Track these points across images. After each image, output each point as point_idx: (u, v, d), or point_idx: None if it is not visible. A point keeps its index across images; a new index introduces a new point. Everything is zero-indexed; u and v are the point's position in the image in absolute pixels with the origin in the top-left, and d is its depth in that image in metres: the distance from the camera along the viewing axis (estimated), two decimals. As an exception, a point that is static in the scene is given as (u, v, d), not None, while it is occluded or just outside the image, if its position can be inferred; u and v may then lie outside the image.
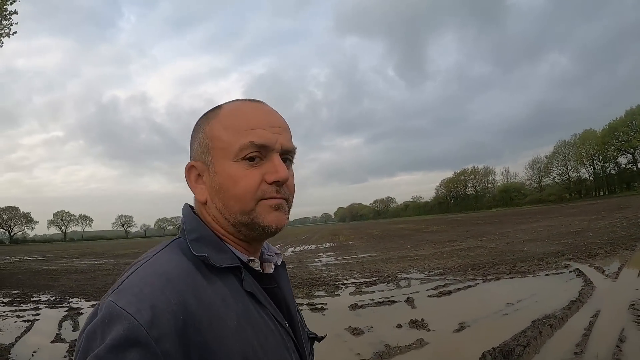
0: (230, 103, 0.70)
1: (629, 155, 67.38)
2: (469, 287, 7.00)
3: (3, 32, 12.70)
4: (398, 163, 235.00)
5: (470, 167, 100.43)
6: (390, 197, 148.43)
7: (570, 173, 76.69)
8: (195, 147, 0.69)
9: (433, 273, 8.78)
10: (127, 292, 0.56)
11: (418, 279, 8.21)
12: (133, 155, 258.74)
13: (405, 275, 8.80)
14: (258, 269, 0.68)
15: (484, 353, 3.62)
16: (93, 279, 12.15)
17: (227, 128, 0.66)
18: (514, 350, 3.63)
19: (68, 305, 8.10)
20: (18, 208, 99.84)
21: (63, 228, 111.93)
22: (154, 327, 0.52)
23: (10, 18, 12.75)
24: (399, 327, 4.98)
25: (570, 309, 4.89)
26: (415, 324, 4.94)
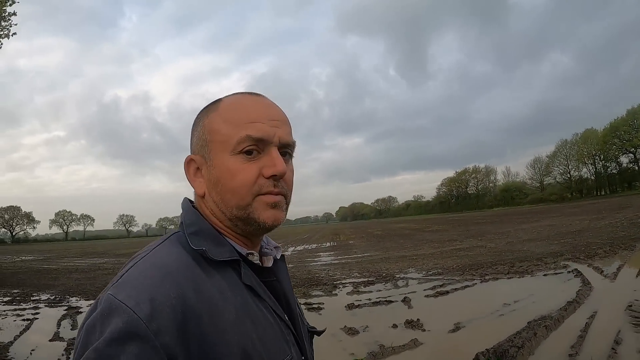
0: (230, 96, 0.70)
1: (631, 155, 67.08)
2: (467, 287, 6.99)
3: (2, 33, 12.72)
4: (399, 162, 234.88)
5: (472, 166, 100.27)
6: (392, 196, 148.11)
7: (572, 172, 76.52)
8: (195, 140, 0.69)
9: (431, 273, 8.78)
10: (126, 285, 0.56)
11: (416, 279, 8.21)
12: (135, 155, 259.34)
13: (404, 275, 8.80)
14: (257, 263, 0.68)
15: (478, 354, 3.61)
16: (93, 278, 12.18)
17: (225, 121, 0.66)
18: (508, 352, 3.62)
19: (67, 305, 8.14)
20: (20, 208, 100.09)
21: (65, 228, 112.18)
22: (153, 320, 0.52)
23: (10, 19, 12.77)
24: (395, 327, 4.98)
25: (567, 310, 4.88)
26: (411, 324, 4.94)
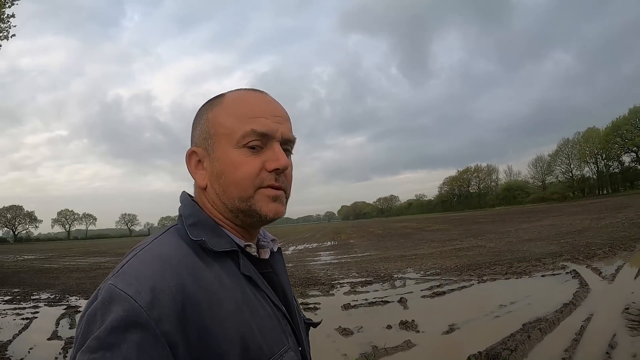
0: (234, 92, 0.71)
1: (633, 154, 66.75)
2: (464, 287, 6.97)
3: (2, 35, 12.77)
4: (401, 161, 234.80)
5: (474, 165, 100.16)
6: (394, 195, 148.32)
7: (574, 171, 76.27)
8: (197, 133, 0.70)
9: (429, 273, 8.76)
10: (126, 275, 0.57)
11: (414, 279, 8.20)
12: (137, 154, 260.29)
13: (402, 275, 8.78)
14: (255, 254, 0.70)
15: (469, 357, 3.60)
16: (94, 278, 12.22)
17: (230, 115, 0.67)
18: (501, 355, 3.60)
19: (67, 304, 8.18)
20: (22, 207, 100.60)
21: (67, 227, 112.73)
22: (154, 308, 0.53)
23: (9, 21, 12.83)
24: (389, 328, 4.97)
25: (563, 312, 4.83)
26: (405, 325, 4.93)
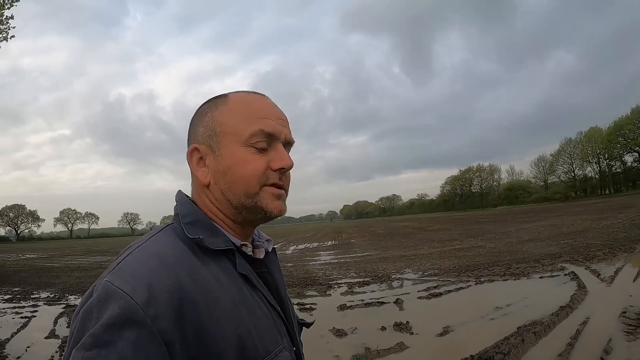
0: (237, 93, 0.73)
1: (635, 154, 66.06)
2: (461, 289, 6.94)
3: (1, 36, 12.81)
4: (404, 161, 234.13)
5: (476, 165, 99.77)
6: (396, 194, 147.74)
7: (576, 171, 75.66)
8: (201, 130, 0.71)
9: (427, 274, 8.73)
10: (123, 272, 0.57)
11: (411, 280, 8.17)
12: (139, 153, 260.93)
13: (400, 276, 8.76)
14: (250, 254, 0.70)
15: (461, 360, 3.59)
16: (94, 277, 12.11)
17: (237, 115, 0.69)
18: (493, 358, 3.58)
19: (66, 303, 8.22)
20: (24, 206, 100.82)
21: (69, 226, 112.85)
22: (151, 306, 0.53)
23: (8, 22, 12.87)
24: (383, 329, 4.95)
25: (559, 316, 4.78)
26: (400, 327, 4.90)
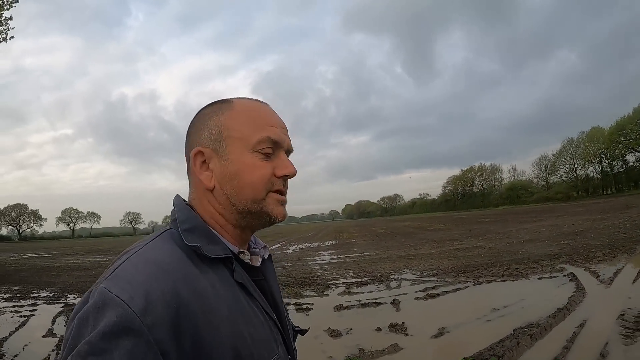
0: (241, 99, 0.73)
1: (637, 154, 65.50)
2: (458, 289, 6.90)
3: (0, 37, 12.87)
4: (406, 160, 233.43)
5: (477, 164, 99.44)
6: (398, 194, 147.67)
7: (578, 171, 75.17)
8: (205, 133, 0.71)
9: (426, 274, 8.70)
10: (120, 279, 0.56)
11: (409, 280, 8.14)
12: (141, 153, 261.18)
13: (398, 276, 8.74)
14: (248, 261, 0.70)
15: (455, 362, 3.57)
16: (94, 276, 12.29)
17: (244, 121, 0.70)
18: (487, 360, 3.57)
19: (65, 302, 8.26)
20: (26, 205, 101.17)
21: (71, 225, 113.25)
22: (148, 314, 0.52)
23: (7, 23, 12.93)
24: (378, 330, 4.93)
25: (556, 318, 4.72)
26: (395, 328, 4.88)
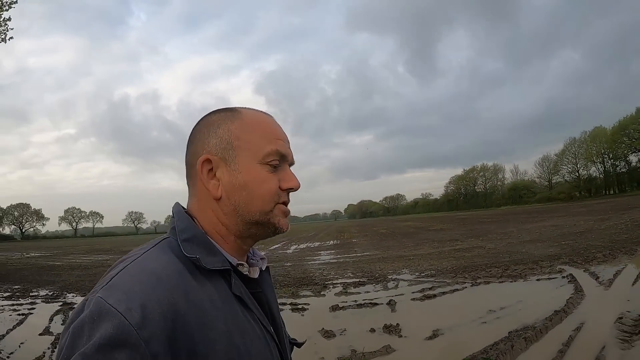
0: (249, 110, 0.73)
1: (640, 154, 65.58)
2: (456, 290, 6.87)
3: None
4: (408, 160, 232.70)
5: (480, 164, 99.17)
6: (400, 194, 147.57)
7: (580, 171, 74.70)
8: (214, 141, 0.70)
9: (424, 274, 8.67)
10: (117, 289, 0.55)
11: (407, 281, 8.11)
12: (144, 152, 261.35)
13: (396, 276, 8.71)
14: (246, 273, 0.69)
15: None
16: (94, 275, 12.34)
17: (254, 132, 0.70)
18: (479, 363, 3.53)
19: (63, 300, 8.31)
20: (29, 205, 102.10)
21: (74, 224, 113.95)
22: (144, 327, 0.51)
23: (6, 24, 13.01)
24: (372, 331, 4.91)
25: (552, 320, 4.67)
26: (389, 329, 4.85)
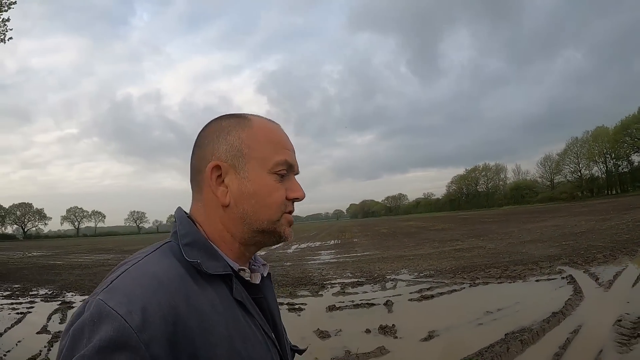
0: (259, 118, 0.74)
1: (642, 153, 65.12)
2: (454, 291, 6.83)
3: None
4: (410, 159, 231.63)
5: (482, 164, 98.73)
6: (402, 193, 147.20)
7: (582, 171, 74.34)
8: (224, 147, 0.70)
9: (423, 275, 8.63)
10: (117, 292, 0.55)
11: (405, 281, 8.08)
12: (147, 152, 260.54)
13: (395, 277, 8.68)
14: (248, 279, 0.69)
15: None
16: (94, 274, 12.39)
17: (264, 141, 0.70)
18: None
19: (62, 299, 8.33)
20: (31, 204, 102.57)
21: (76, 224, 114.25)
22: (145, 330, 0.51)
23: (5, 25, 13.12)
24: (368, 332, 4.88)
25: (550, 322, 4.60)
26: (384, 330, 4.82)
